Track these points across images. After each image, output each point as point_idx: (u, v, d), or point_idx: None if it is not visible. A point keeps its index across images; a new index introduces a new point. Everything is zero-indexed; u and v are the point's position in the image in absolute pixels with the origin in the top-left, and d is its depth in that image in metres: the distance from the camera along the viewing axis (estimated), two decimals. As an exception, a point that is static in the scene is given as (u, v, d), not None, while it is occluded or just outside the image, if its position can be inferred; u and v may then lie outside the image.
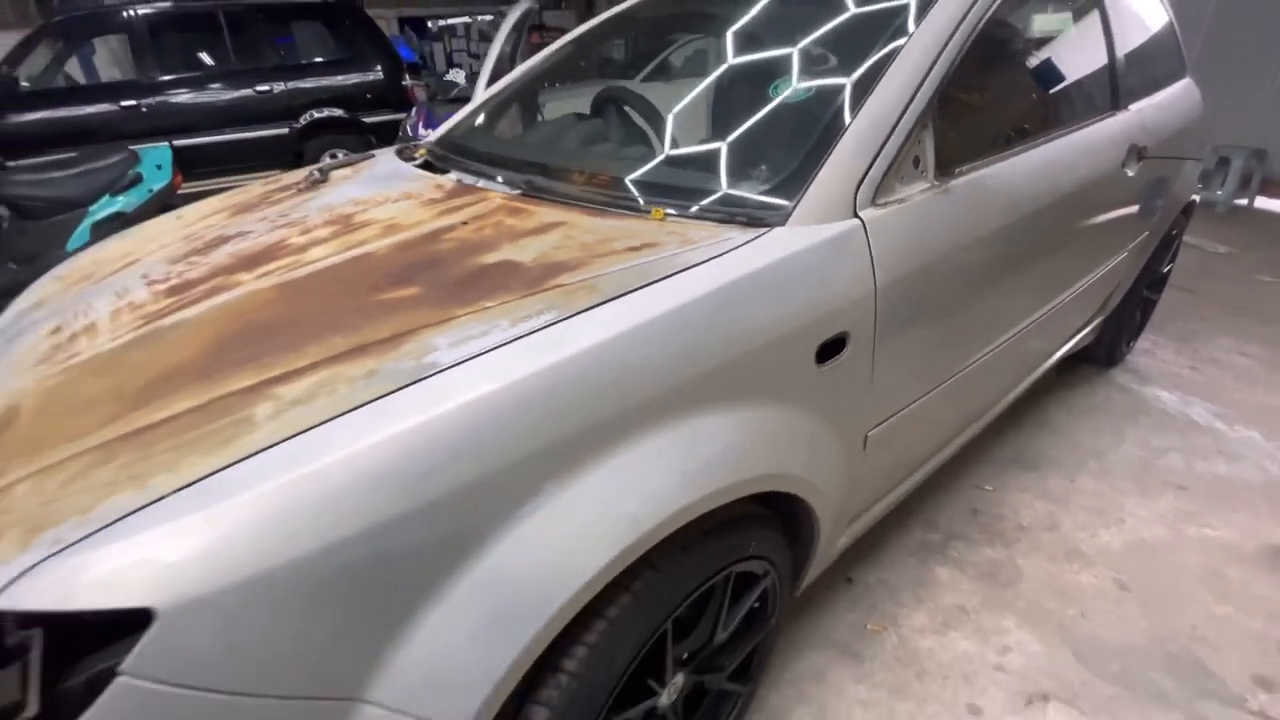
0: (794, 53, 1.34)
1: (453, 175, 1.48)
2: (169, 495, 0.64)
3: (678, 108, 1.43)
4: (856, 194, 1.08)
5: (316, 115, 6.20)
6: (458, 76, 3.85)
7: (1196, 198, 2.58)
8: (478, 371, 0.75)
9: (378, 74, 6.49)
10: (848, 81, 1.21)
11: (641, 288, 0.88)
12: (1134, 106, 1.96)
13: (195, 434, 0.72)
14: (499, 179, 1.36)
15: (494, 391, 0.73)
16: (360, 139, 6.47)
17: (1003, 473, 2.08)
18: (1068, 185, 1.54)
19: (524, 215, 1.16)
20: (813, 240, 1.01)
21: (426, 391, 0.73)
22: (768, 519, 1.07)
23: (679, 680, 1.05)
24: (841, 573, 1.69)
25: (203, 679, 0.61)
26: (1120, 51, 1.93)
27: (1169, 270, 2.78)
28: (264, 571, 0.62)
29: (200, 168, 5.56)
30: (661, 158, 1.30)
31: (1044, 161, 1.49)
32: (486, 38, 13.74)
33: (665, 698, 1.02)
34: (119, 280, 1.24)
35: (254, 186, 1.75)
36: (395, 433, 0.68)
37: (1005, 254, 1.38)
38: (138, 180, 3.85)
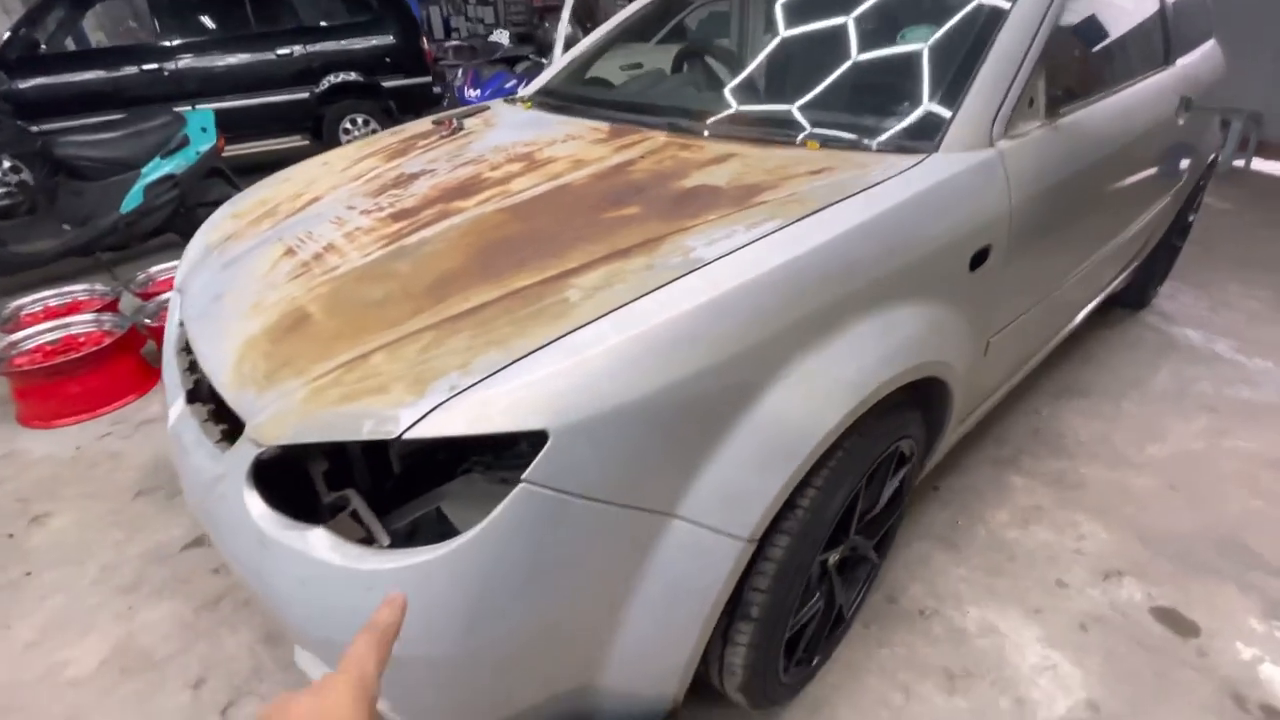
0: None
1: (585, 120, 1.63)
2: (535, 351, 0.81)
3: (812, 50, 1.58)
4: (993, 127, 1.25)
5: (336, 80, 6.17)
6: (502, 37, 3.90)
7: (1218, 153, 2.78)
8: (738, 263, 0.92)
9: (395, 37, 6.44)
10: (975, 26, 1.36)
11: (843, 200, 1.05)
12: (1180, 61, 2.14)
13: (524, 313, 0.89)
14: (650, 121, 1.51)
15: (758, 277, 0.90)
16: (379, 104, 6.46)
17: (1057, 399, 2.30)
18: (1139, 129, 1.73)
19: (694, 149, 1.32)
20: (966, 165, 1.18)
21: (706, 276, 0.90)
22: (915, 406, 1.26)
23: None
24: (929, 483, 1.90)
25: (576, 487, 0.79)
26: (1170, 10, 2.10)
27: (1192, 220, 2.99)
28: (621, 405, 0.79)
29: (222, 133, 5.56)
30: (805, 97, 1.45)
31: (1121, 108, 1.67)
32: (485, 0, 13.53)
33: (836, 554, 1.22)
34: (320, 212, 1.39)
35: (383, 137, 1.87)
36: (697, 305, 0.86)
37: (1094, 187, 1.57)
38: (185, 143, 3.90)
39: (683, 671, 0.97)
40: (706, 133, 1.40)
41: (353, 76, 6.28)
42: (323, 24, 6.13)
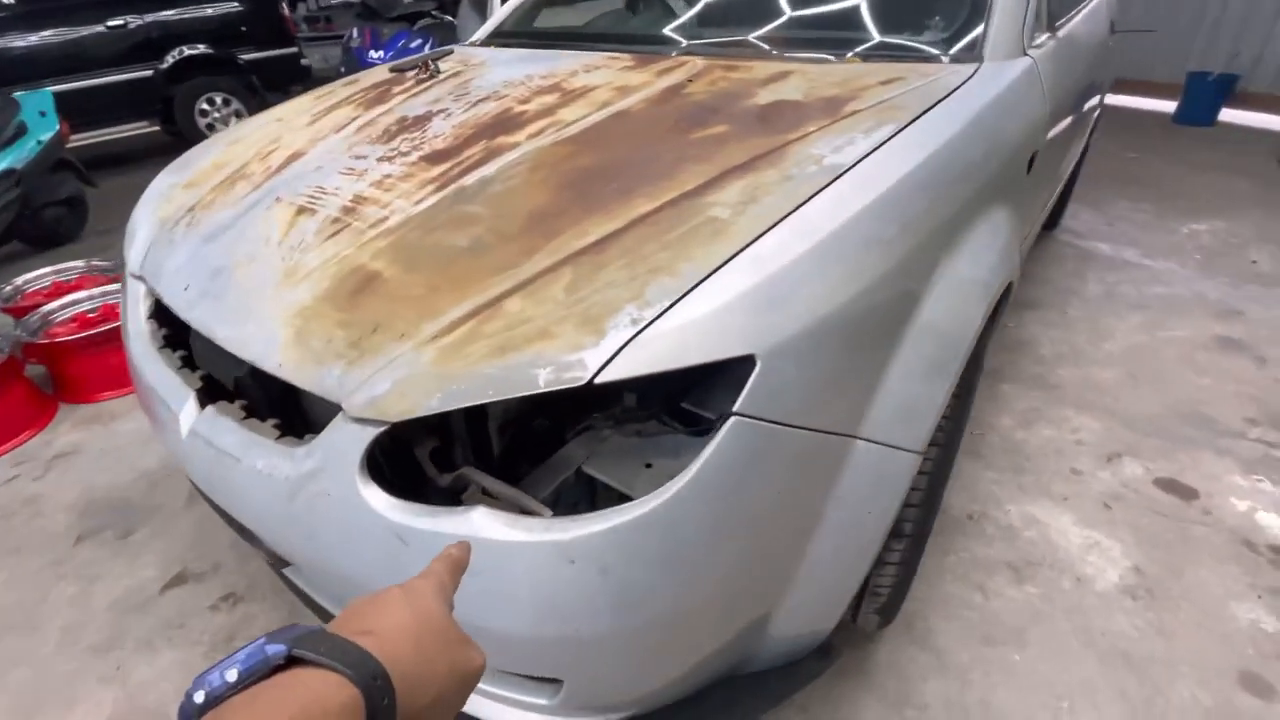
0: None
1: (593, 53, 1.50)
2: (716, 271, 0.72)
3: None
4: (1023, 36, 1.28)
5: (182, 54, 5.38)
6: (401, -9, 3.54)
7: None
8: (880, 166, 0.87)
9: (247, 3, 5.71)
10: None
11: (938, 104, 1.02)
12: (1097, -10, 2.32)
13: (672, 236, 0.79)
14: (673, 48, 1.41)
15: (903, 178, 0.86)
16: (239, 80, 5.76)
17: (1016, 313, 2.48)
18: (1095, 46, 1.86)
19: (742, 70, 1.25)
20: (1016, 72, 1.20)
21: (856, 181, 0.84)
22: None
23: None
24: (936, 399, 1.99)
25: (781, 415, 0.72)
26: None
27: (1089, 144, 3.31)
28: (820, 320, 0.73)
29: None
30: (838, 14, 1.42)
31: (1086, 25, 1.78)
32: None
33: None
34: (319, 165, 1.19)
35: (336, 89, 1.64)
36: (863, 207, 0.80)
37: (1075, 99, 1.66)
38: (23, 131, 3.26)
39: (847, 601, 0.94)
40: (745, 54, 1.33)
41: (201, 49, 5.50)
42: (159, -11, 5.28)
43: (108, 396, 2.25)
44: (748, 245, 0.75)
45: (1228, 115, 5.01)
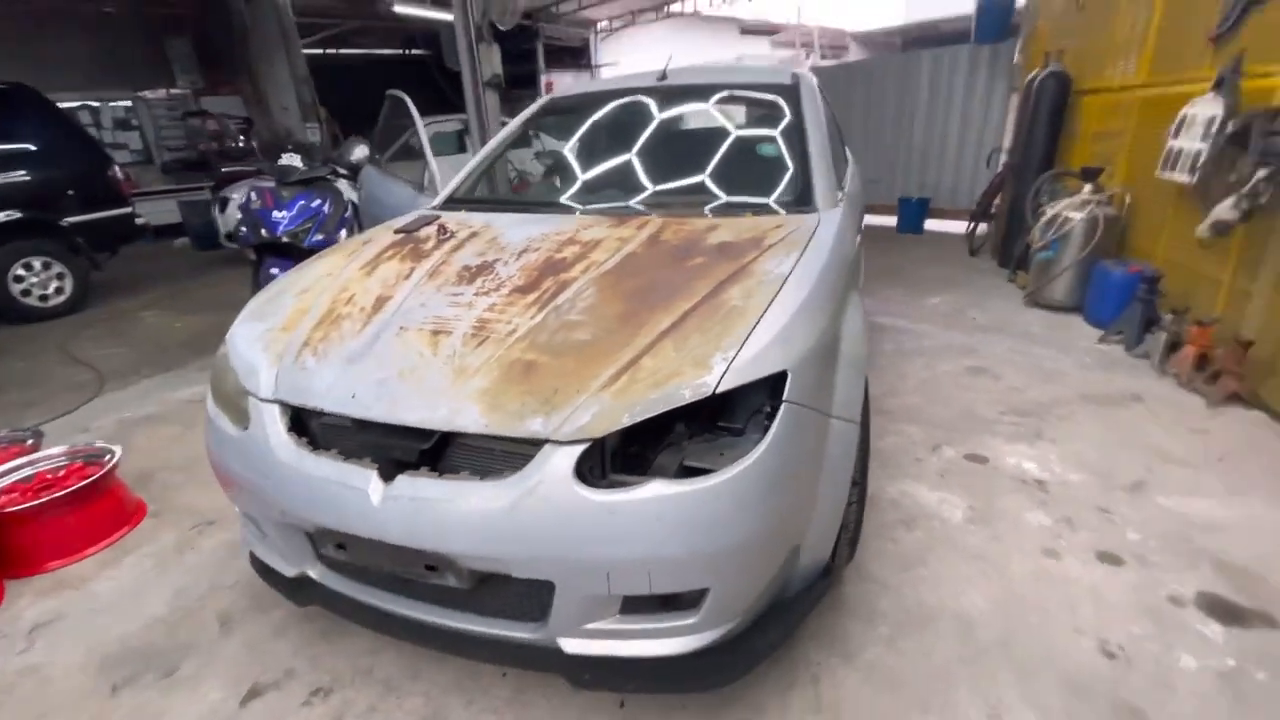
0: (758, 131, 2.41)
1: (576, 215, 2.13)
2: (752, 334, 1.34)
3: (712, 162, 2.35)
4: (834, 195, 2.18)
5: (-5, 220, 5.04)
6: (294, 160, 3.86)
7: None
8: (803, 273, 1.58)
9: (71, 167, 5.57)
10: (795, 143, 2.31)
11: (814, 235, 1.80)
12: (849, 158, 3.56)
13: (719, 316, 1.40)
14: (632, 210, 2.10)
15: (819, 276, 1.58)
16: (62, 244, 5.48)
17: (848, 368, 3.44)
18: (859, 193, 2.93)
19: (687, 224, 1.96)
20: (839, 215, 2.06)
21: (797, 278, 1.53)
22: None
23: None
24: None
25: (804, 400, 1.33)
26: (837, 120, 3.51)
27: (858, 250, 4.65)
28: (807, 350, 1.37)
29: None
30: (729, 191, 2.22)
31: (853, 184, 2.84)
32: (124, 125, 11.81)
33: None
34: (422, 303, 1.62)
35: (356, 248, 2.06)
36: (808, 293, 1.49)
37: (858, 222, 2.65)
38: None
39: (837, 530, 1.54)
40: (682, 214, 2.06)
41: (15, 215, 5.20)
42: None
43: (58, 565, 2.16)
44: (762, 316, 1.39)
45: (930, 225, 7.07)
